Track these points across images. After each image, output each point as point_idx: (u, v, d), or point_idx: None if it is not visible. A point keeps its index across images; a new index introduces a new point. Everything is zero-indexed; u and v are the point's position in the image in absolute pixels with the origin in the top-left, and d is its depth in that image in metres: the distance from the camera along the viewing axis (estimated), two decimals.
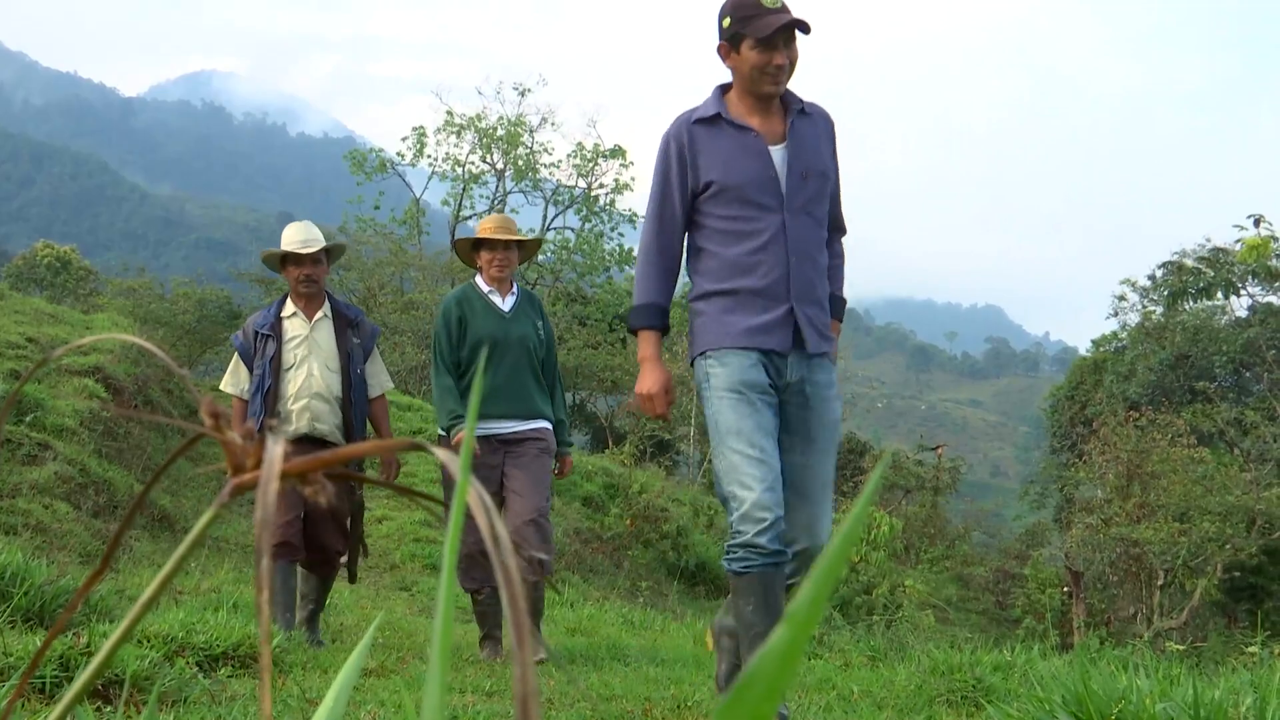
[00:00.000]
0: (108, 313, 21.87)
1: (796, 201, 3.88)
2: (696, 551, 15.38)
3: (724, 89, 4.01)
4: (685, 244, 4.08)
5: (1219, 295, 27.44)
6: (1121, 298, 31.17)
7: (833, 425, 3.94)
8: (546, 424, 5.99)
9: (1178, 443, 20.42)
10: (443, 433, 6.00)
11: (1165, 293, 28.41)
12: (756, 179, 3.87)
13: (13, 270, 34.18)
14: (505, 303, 6.03)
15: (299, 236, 6.01)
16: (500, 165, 37.45)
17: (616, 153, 38.11)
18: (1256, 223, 25.75)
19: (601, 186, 38.05)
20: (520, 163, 37.15)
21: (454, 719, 3.76)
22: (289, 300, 6.08)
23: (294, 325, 5.98)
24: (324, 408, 5.88)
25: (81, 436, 9.62)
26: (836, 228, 4.19)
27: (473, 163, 37.57)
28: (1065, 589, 20.38)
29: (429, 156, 37.58)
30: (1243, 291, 27.53)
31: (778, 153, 3.91)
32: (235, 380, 6.07)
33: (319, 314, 6.01)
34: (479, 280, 6.10)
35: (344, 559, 6.05)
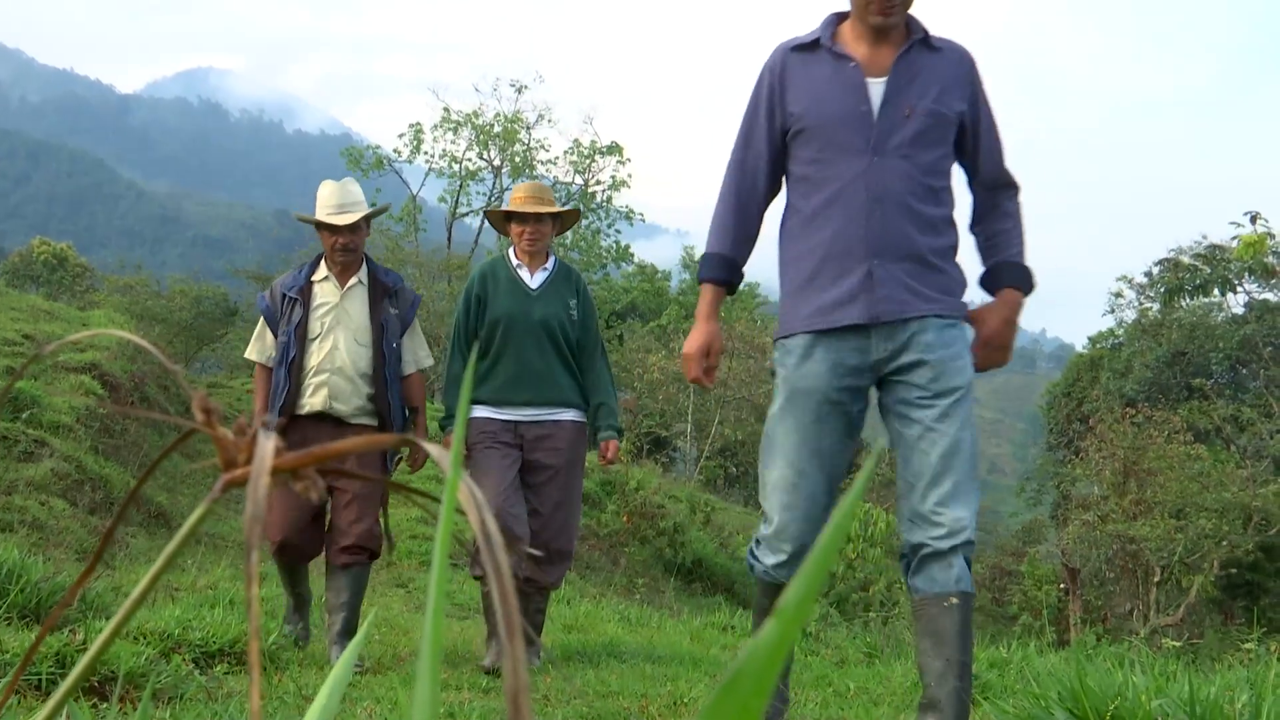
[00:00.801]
0: (104, 310, 21.83)
1: (891, 142, 3.32)
2: (693, 548, 15.38)
3: (839, 17, 3.50)
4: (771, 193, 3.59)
5: (1215, 292, 27.41)
6: (1118, 294, 31.22)
7: (951, 395, 3.27)
8: (577, 414, 5.44)
9: (1174, 439, 20.43)
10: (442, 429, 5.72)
11: (1162, 289, 28.38)
12: (844, 115, 3.34)
13: (9, 267, 34.16)
14: (534, 279, 5.46)
15: (334, 201, 5.35)
16: (497, 162, 37.46)
17: (613, 149, 38.15)
18: (1253, 220, 25.66)
19: (598, 183, 38.09)
20: (517, 159, 37.16)
21: (449, 716, 3.76)
22: (323, 262, 5.43)
23: (324, 291, 5.35)
24: (345, 386, 5.22)
25: (78, 433, 9.61)
26: (1001, 184, 3.56)
27: (469, 159, 37.60)
28: (1062, 586, 20.38)
29: (426, 153, 37.62)
30: (1239, 288, 27.54)
31: (876, 86, 3.36)
32: (261, 346, 5.43)
33: (353, 280, 5.36)
34: (511, 253, 5.56)
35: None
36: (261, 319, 5.44)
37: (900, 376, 3.31)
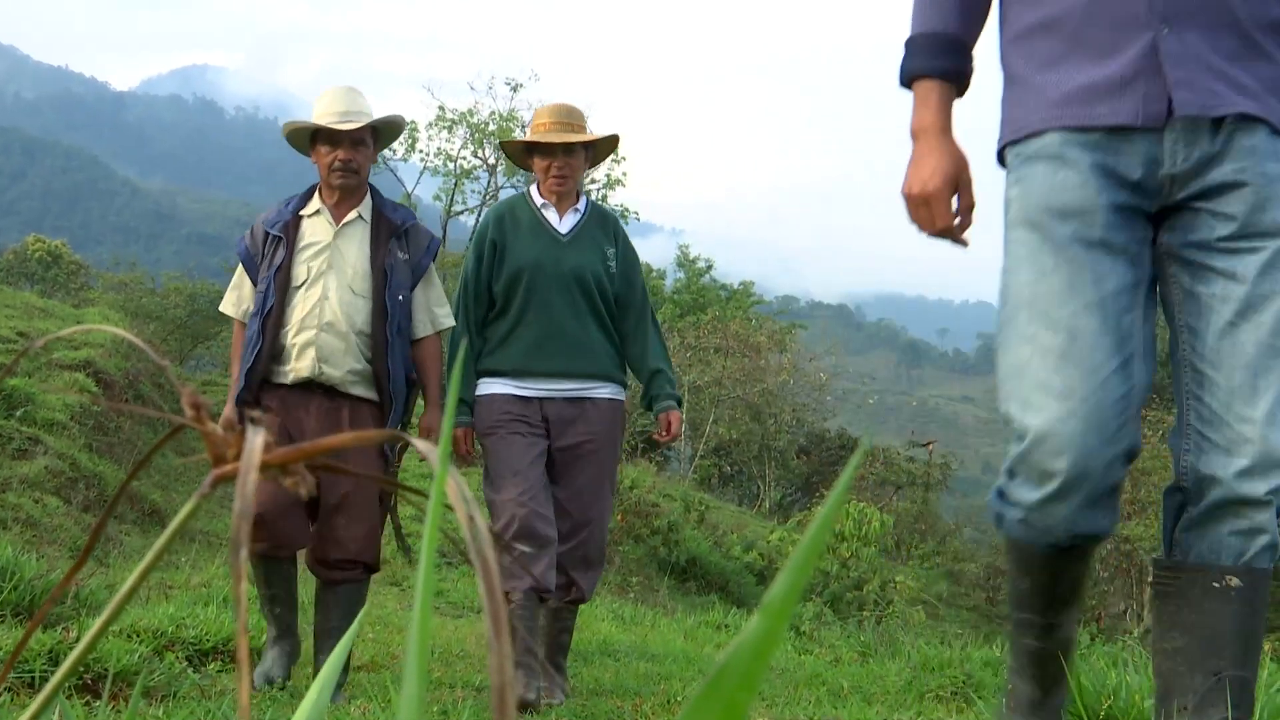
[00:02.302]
0: (99, 307, 21.84)
1: None
2: (687, 547, 15.38)
3: None
4: None
5: None
6: None
7: None
8: (615, 390, 4.48)
9: (1168, 439, 20.47)
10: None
11: None
12: None
13: (3, 264, 34.09)
14: (564, 222, 4.48)
15: (337, 107, 4.29)
16: (492, 160, 37.43)
17: None
18: None
19: (594, 182, 38.07)
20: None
21: (443, 714, 3.76)
22: (317, 194, 4.40)
23: (314, 227, 4.30)
24: (336, 345, 4.17)
25: (72, 431, 9.60)
26: None
27: (464, 158, 37.56)
28: None
29: (421, 151, 37.57)
30: None
31: None
32: (237, 298, 4.43)
33: (352, 214, 4.32)
34: (534, 191, 4.56)
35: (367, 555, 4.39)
36: (240, 265, 4.44)
37: (1201, 203, 2.17)
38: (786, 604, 0.33)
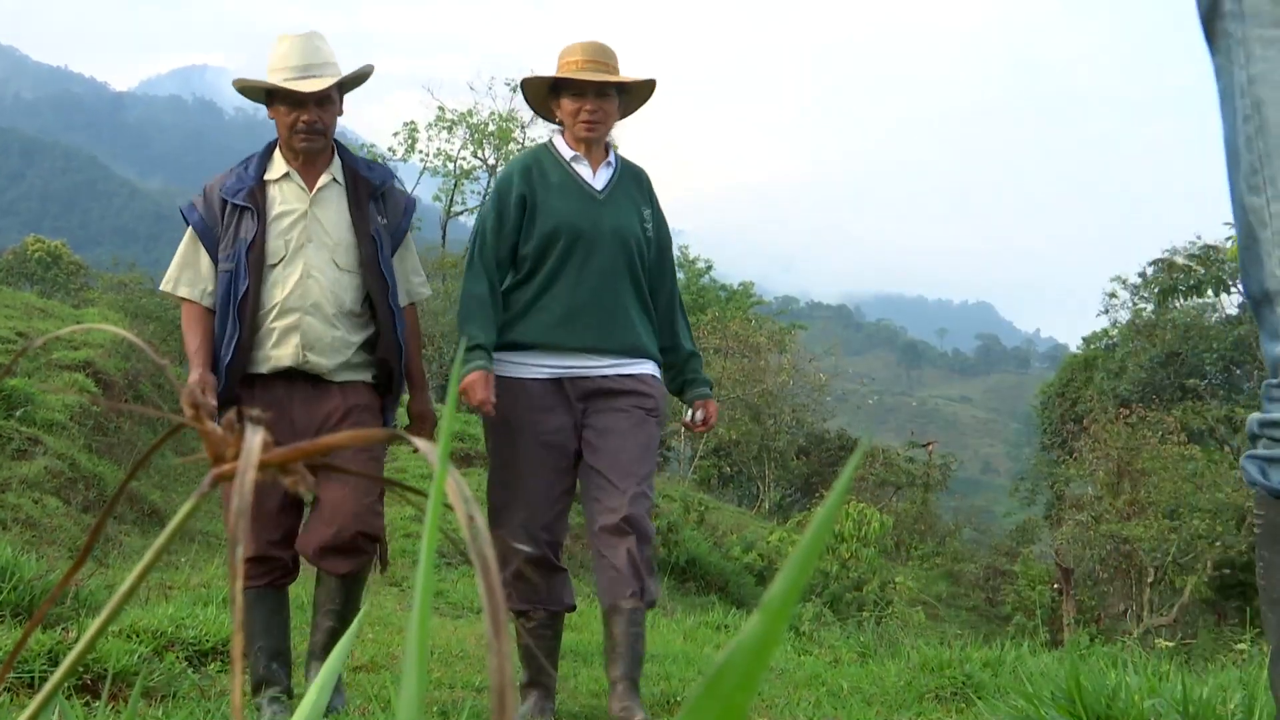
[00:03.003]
0: (98, 307, 21.83)
1: None
2: (687, 547, 15.38)
3: None
4: None
5: (1210, 293, 27.49)
6: (1112, 295, 31.31)
7: None
8: (655, 367, 3.95)
9: (1168, 440, 20.48)
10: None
11: (1156, 290, 28.45)
12: None
13: (3, 265, 34.08)
14: (597, 177, 3.95)
15: (295, 60, 3.74)
16: (492, 161, 37.42)
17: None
18: None
19: None
20: (511, 158, 37.14)
21: (442, 714, 3.76)
22: (277, 153, 3.86)
23: (285, 194, 3.78)
24: (323, 330, 3.69)
25: (72, 431, 9.60)
26: None
27: (464, 158, 37.56)
28: (1055, 586, 20.41)
29: (420, 152, 37.57)
30: (1233, 289, 27.56)
31: None
32: (192, 276, 3.75)
33: (325, 178, 3.81)
34: (557, 142, 4.00)
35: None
36: (189, 235, 3.78)
37: None
38: (786, 603, 0.33)
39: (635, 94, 4.05)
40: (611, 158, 4.01)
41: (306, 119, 3.72)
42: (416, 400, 4.00)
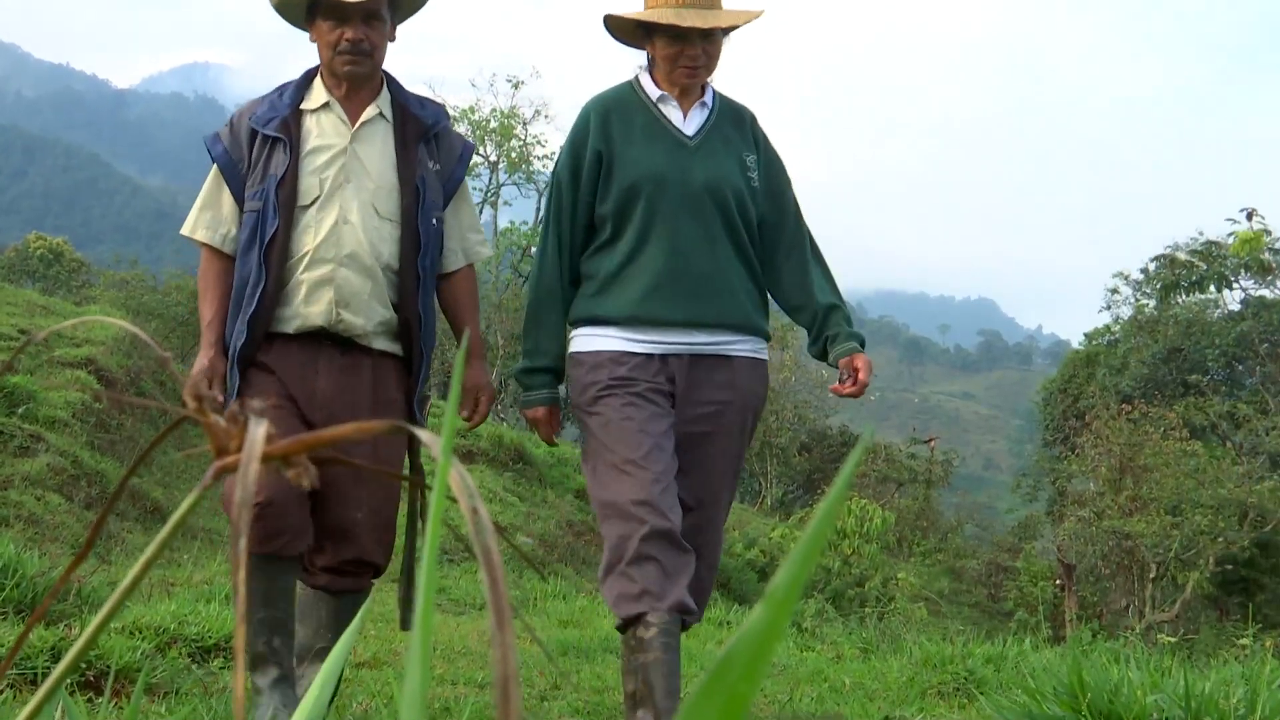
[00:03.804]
0: (100, 305, 21.84)
1: None
2: None
3: None
4: None
5: (1212, 289, 27.49)
6: (1114, 291, 31.28)
7: None
8: (757, 345, 3.38)
9: (1170, 436, 20.46)
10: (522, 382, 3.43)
11: (1158, 286, 28.46)
12: None
13: (5, 262, 34.13)
14: (689, 120, 3.36)
15: None
16: (493, 158, 37.41)
17: None
18: (1249, 216, 25.76)
19: None
20: (514, 155, 37.11)
21: (445, 710, 3.76)
22: (317, 80, 3.32)
23: (323, 126, 3.25)
24: (360, 284, 3.17)
25: (74, 428, 9.60)
26: None
27: None
28: (1057, 582, 20.42)
29: None
30: (1235, 285, 27.58)
31: None
32: (213, 218, 3.28)
33: (371, 110, 3.27)
34: (644, 79, 3.41)
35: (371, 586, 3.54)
36: (214, 172, 3.29)
37: None
38: (790, 594, 0.33)
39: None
40: (708, 97, 3.42)
41: (351, 36, 3.18)
42: (473, 371, 3.46)
